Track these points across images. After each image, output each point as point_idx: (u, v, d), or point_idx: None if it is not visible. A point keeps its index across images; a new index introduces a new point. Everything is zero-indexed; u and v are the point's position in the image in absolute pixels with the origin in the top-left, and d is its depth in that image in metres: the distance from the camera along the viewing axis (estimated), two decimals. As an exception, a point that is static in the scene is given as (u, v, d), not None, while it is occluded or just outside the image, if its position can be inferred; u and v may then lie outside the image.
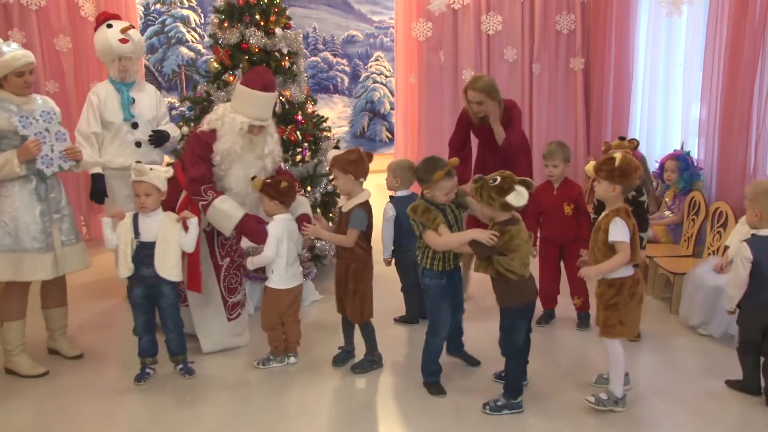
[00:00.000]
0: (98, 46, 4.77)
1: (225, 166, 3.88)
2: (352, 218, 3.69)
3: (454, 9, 6.97)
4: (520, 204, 3.14)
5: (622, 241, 3.17)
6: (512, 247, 3.19)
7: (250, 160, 3.91)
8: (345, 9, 10.33)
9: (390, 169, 4.50)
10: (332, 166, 3.77)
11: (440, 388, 3.59)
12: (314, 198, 5.36)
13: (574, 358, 3.99)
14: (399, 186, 4.44)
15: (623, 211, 3.24)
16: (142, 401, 3.58)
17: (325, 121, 5.81)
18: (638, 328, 3.40)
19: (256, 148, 3.91)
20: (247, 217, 3.87)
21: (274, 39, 5.24)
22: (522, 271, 3.25)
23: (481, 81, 4.55)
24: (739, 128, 4.83)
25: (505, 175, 3.21)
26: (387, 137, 10.60)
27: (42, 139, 3.78)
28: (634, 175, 3.23)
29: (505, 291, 3.30)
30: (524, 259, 3.25)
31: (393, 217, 4.39)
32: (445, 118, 7.13)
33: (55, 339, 4.16)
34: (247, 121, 3.81)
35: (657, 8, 5.88)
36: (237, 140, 3.82)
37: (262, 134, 3.92)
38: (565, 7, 7.02)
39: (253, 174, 3.92)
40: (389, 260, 4.53)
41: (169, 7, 9.53)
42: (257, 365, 3.91)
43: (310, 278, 4.97)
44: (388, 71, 10.47)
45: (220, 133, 3.85)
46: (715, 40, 5.08)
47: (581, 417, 3.30)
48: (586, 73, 7.17)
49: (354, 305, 3.79)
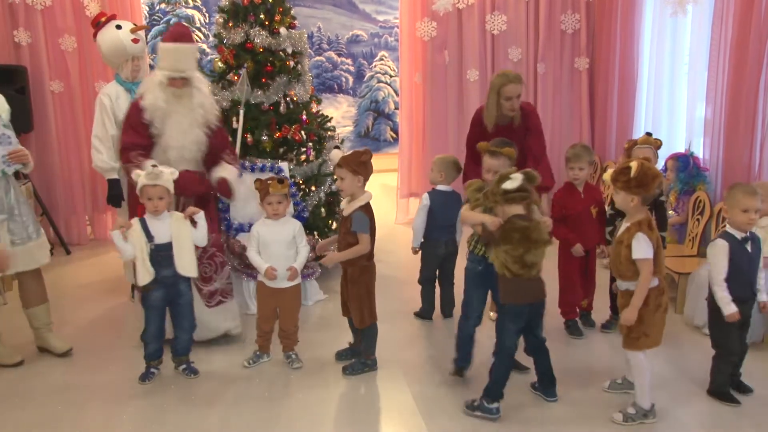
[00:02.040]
0: (107, 47, 4.77)
1: (158, 123, 4.00)
2: (354, 222, 3.63)
3: (459, 8, 6.96)
4: (514, 186, 3.14)
5: (646, 258, 3.07)
6: (509, 238, 3.13)
7: (182, 113, 4.03)
8: (350, 8, 10.33)
9: (435, 164, 4.57)
10: (341, 167, 3.64)
11: (461, 371, 3.69)
12: (319, 197, 5.37)
13: (583, 364, 3.99)
14: (442, 181, 4.47)
15: (645, 223, 3.11)
16: (147, 401, 3.59)
17: (329, 121, 5.81)
18: (661, 337, 3.24)
19: (184, 101, 4.04)
20: (182, 174, 3.94)
21: (279, 39, 5.25)
22: (518, 271, 3.16)
23: (516, 74, 4.52)
24: (745, 128, 4.82)
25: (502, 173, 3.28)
26: (391, 137, 10.59)
27: None
28: (653, 184, 3.09)
29: (501, 287, 3.27)
30: (521, 256, 3.14)
31: (427, 207, 4.43)
32: (450, 118, 7.12)
33: (42, 337, 4.17)
34: (165, 74, 3.98)
35: (662, 8, 5.86)
36: (159, 95, 3.97)
37: (188, 87, 4.05)
38: (570, 7, 7.01)
39: (187, 126, 4.02)
40: (417, 249, 4.53)
41: (173, 7, 9.55)
42: (299, 365, 3.92)
43: (314, 278, 4.98)
44: (393, 71, 10.47)
45: (145, 91, 4.03)
46: (720, 39, 5.06)
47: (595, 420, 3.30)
48: (590, 72, 7.15)
49: (354, 309, 3.78)
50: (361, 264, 3.72)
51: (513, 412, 3.35)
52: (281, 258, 3.77)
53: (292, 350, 3.99)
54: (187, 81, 4.05)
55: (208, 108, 4.16)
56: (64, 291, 4.37)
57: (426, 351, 4.19)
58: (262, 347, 3.98)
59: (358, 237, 3.63)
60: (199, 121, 4.08)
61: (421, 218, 4.45)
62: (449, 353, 3.89)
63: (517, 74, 4.52)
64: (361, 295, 3.74)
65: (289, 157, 5.32)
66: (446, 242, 4.49)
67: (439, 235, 4.45)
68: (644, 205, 3.15)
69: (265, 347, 3.99)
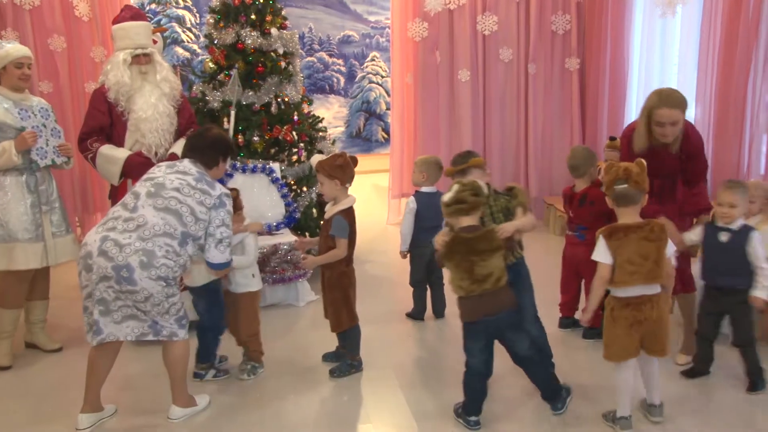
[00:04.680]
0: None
1: (125, 101, 4.14)
2: (333, 227, 3.61)
3: (450, 9, 6.97)
4: (448, 198, 3.06)
5: (598, 261, 3.07)
6: (451, 254, 3.06)
7: (147, 88, 4.19)
8: (341, 9, 10.34)
9: (417, 165, 4.53)
10: (318, 172, 3.67)
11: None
12: (310, 198, 5.37)
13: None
14: (425, 182, 4.45)
15: (612, 230, 3.07)
16: (135, 405, 3.57)
17: (321, 122, 5.81)
18: (627, 354, 3.08)
19: (149, 77, 4.20)
20: (131, 156, 4.11)
21: (270, 39, 5.24)
22: (469, 287, 3.04)
23: (676, 96, 3.52)
24: (734, 127, 4.86)
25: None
26: (383, 137, 10.60)
27: (38, 132, 3.95)
28: (608, 181, 3.06)
29: (458, 306, 3.17)
30: (470, 269, 3.02)
31: (414, 210, 4.41)
32: (441, 118, 7.13)
33: (34, 332, 4.20)
34: (128, 51, 4.14)
35: (652, 8, 5.90)
36: (124, 71, 4.11)
37: (151, 64, 4.22)
38: (560, 8, 7.03)
39: (155, 99, 4.16)
40: (405, 253, 4.53)
41: (164, 7, 9.52)
42: (246, 377, 3.79)
43: (305, 278, 4.97)
44: (384, 71, 10.48)
45: (108, 71, 4.17)
46: (709, 40, 5.10)
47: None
48: (581, 73, 7.18)
49: (330, 314, 3.77)
50: (340, 269, 3.69)
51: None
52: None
53: (250, 359, 3.84)
54: (149, 57, 4.21)
55: (173, 82, 4.31)
56: (54, 292, 4.36)
57: (418, 352, 4.20)
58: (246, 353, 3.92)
59: (336, 241, 3.62)
60: (166, 94, 4.22)
61: (408, 222, 4.44)
62: (441, 354, 3.89)
63: (677, 96, 3.52)
64: (337, 300, 3.72)
65: (280, 158, 5.32)
66: (433, 244, 4.48)
67: (426, 236, 4.40)
68: (619, 206, 3.08)
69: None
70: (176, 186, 3.17)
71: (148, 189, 3.17)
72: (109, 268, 2.98)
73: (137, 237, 3.03)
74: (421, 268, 4.52)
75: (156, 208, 3.10)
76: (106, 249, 3.01)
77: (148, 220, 3.07)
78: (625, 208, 3.06)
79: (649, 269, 3.00)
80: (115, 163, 4.15)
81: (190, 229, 3.15)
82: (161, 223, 3.08)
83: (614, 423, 3.17)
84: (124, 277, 2.98)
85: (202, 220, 3.18)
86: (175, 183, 3.18)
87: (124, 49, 4.19)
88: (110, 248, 3.00)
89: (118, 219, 3.11)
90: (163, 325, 3.16)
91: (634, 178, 3.00)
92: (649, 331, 3.05)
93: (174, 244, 3.10)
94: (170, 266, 3.08)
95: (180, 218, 3.12)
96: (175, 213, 3.11)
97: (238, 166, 4.97)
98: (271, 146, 5.31)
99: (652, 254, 3.00)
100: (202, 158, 3.36)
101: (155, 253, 3.04)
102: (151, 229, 3.06)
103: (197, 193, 3.19)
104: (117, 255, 2.99)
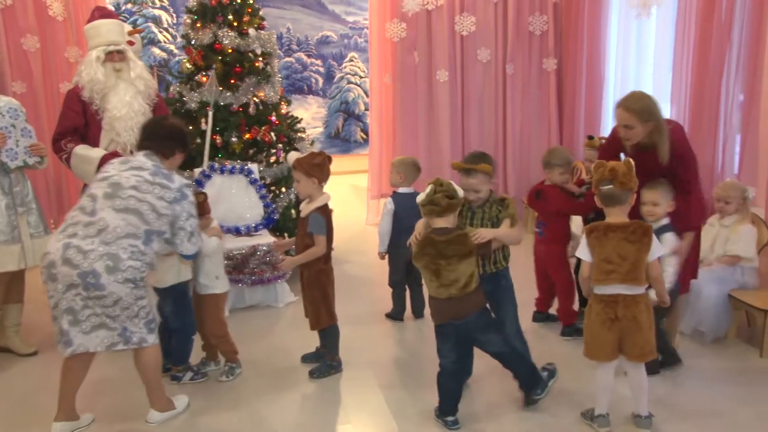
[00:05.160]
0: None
1: (98, 99, 4.12)
2: (310, 223, 3.61)
3: (428, 9, 6.98)
4: (421, 199, 3.06)
5: (581, 258, 3.11)
6: (420, 255, 3.07)
7: (122, 86, 4.16)
8: (319, 9, 10.31)
9: (394, 166, 4.52)
10: (295, 169, 3.65)
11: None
12: (289, 199, 5.35)
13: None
14: (402, 182, 4.45)
15: (593, 228, 3.08)
16: (113, 407, 3.54)
17: (299, 122, 5.80)
18: (604, 355, 3.09)
19: (123, 74, 4.18)
20: (106, 156, 4.05)
21: (248, 39, 5.22)
22: (436, 289, 3.08)
23: (634, 96, 3.53)
24: (708, 127, 4.91)
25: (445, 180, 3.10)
26: (362, 138, 10.59)
27: (7, 133, 3.90)
28: (594, 181, 3.09)
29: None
30: (437, 272, 3.04)
31: (392, 211, 4.40)
32: (420, 118, 7.13)
33: (8, 336, 4.14)
34: (101, 49, 4.12)
35: (627, 10, 5.96)
36: (97, 69, 4.09)
37: (125, 61, 4.20)
38: (537, 9, 7.07)
39: (130, 97, 4.13)
40: (383, 254, 4.52)
41: (140, 7, 9.43)
42: (225, 378, 3.78)
43: (284, 279, 4.95)
44: (363, 72, 10.47)
45: (81, 70, 4.15)
46: (684, 41, 5.15)
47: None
48: (558, 73, 7.23)
49: (309, 312, 3.77)
50: (318, 267, 3.70)
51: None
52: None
53: (221, 359, 3.85)
54: (123, 54, 4.19)
55: (148, 80, 4.29)
56: (29, 295, 4.30)
57: (397, 352, 4.20)
58: (207, 355, 3.91)
59: (315, 238, 3.62)
60: (141, 92, 4.20)
61: (386, 223, 4.44)
62: (421, 354, 3.90)
63: (635, 100, 3.47)
64: (316, 298, 3.72)
65: (258, 159, 5.29)
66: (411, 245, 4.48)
67: (405, 237, 4.39)
68: (605, 206, 3.08)
69: (210, 355, 3.91)
70: (133, 184, 3.09)
71: (105, 190, 3.09)
72: (74, 275, 2.92)
73: (100, 241, 2.96)
74: (400, 268, 4.52)
75: (115, 209, 3.03)
76: (70, 257, 2.94)
77: (109, 223, 3.00)
78: (611, 208, 3.07)
79: (628, 270, 3.00)
80: (90, 162, 4.10)
81: (153, 226, 3.08)
82: (123, 225, 3.01)
83: (592, 421, 3.19)
84: (91, 283, 2.93)
85: (165, 215, 3.12)
86: (132, 181, 3.10)
87: (96, 47, 4.16)
88: (74, 255, 2.93)
89: (77, 224, 3.03)
90: (132, 331, 3.10)
91: (620, 178, 3.00)
92: (624, 332, 3.05)
93: (138, 244, 3.04)
94: (137, 267, 3.03)
95: (141, 217, 3.05)
96: (136, 212, 3.05)
97: (216, 167, 4.94)
98: (249, 147, 5.28)
99: (630, 255, 3.00)
100: (159, 148, 3.29)
101: (120, 256, 2.98)
102: (113, 232, 2.99)
103: (156, 188, 3.11)
104: (81, 262, 2.92)
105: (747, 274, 4.12)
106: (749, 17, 4.57)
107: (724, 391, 3.54)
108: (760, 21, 4.49)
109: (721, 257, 4.17)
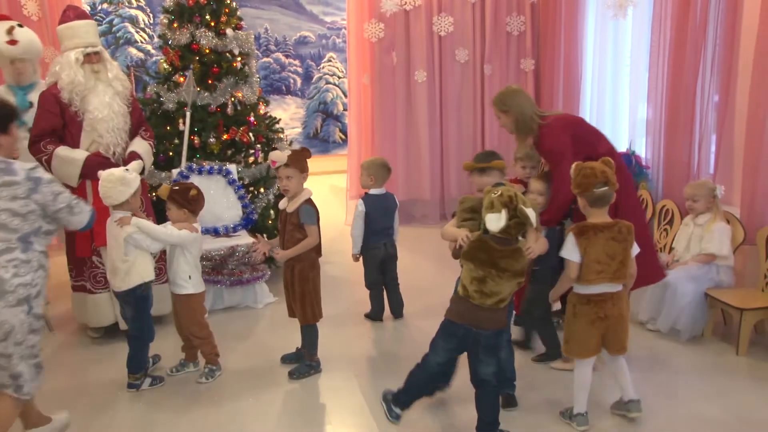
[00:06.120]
0: None
1: (79, 100, 4.07)
2: (302, 215, 3.60)
3: (406, 10, 6.99)
4: (491, 228, 2.82)
5: (566, 258, 3.09)
6: (472, 257, 2.88)
7: (100, 87, 4.13)
8: (297, 10, 10.28)
9: (363, 168, 4.50)
10: (289, 166, 3.58)
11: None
12: (268, 199, 5.33)
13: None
14: (373, 184, 4.44)
15: (581, 228, 3.07)
16: (93, 408, 3.50)
17: (277, 123, 5.78)
18: (587, 352, 3.13)
19: (101, 75, 4.15)
20: (90, 157, 4.04)
21: (225, 40, 5.19)
22: (472, 293, 2.89)
23: (504, 91, 3.79)
24: (684, 128, 4.96)
25: (510, 192, 2.85)
26: (340, 138, 10.58)
27: None
28: (588, 183, 3.03)
29: (451, 301, 3.09)
30: (482, 279, 2.87)
31: (363, 213, 4.40)
32: (399, 119, 7.14)
33: None
34: (79, 50, 4.08)
35: (603, 10, 6.00)
36: (77, 70, 4.05)
37: (102, 62, 4.17)
38: (515, 9, 7.12)
39: (109, 98, 4.11)
40: (357, 256, 4.51)
41: (116, 7, 9.34)
42: (204, 380, 3.76)
43: (263, 280, 4.93)
44: (341, 72, 10.45)
45: (59, 71, 4.08)
46: (659, 41, 5.21)
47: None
48: (536, 73, 7.27)
49: (301, 307, 3.75)
50: (311, 258, 3.71)
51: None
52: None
53: (201, 360, 3.84)
54: (100, 56, 4.16)
55: (124, 81, 4.27)
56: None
57: (377, 352, 4.19)
58: (187, 355, 3.90)
59: (307, 229, 3.61)
60: (119, 93, 4.18)
61: (358, 225, 4.43)
62: (400, 354, 3.89)
63: (501, 90, 3.80)
64: (309, 292, 3.72)
65: (237, 160, 5.26)
66: (385, 245, 4.49)
67: (378, 239, 4.45)
68: (594, 207, 3.08)
69: (189, 356, 3.89)
70: None
71: None
72: None
73: None
74: (375, 269, 4.51)
75: None
76: None
77: None
78: (599, 209, 3.09)
79: (616, 269, 3.04)
80: (73, 164, 4.03)
81: (24, 229, 2.76)
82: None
83: (571, 420, 3.21)
84: None
85: (30, 211, 2.78)
86: None
87: (73, 48, 4.08)
88: None
89: None
90: (21, 372, 2.77)
91: (612, 180, 3.05)
92: (610, 328, 3.09)
93: (17, 254, 2.73)
94: (27, 282, 2.73)
95: (5, 228, 2.72)
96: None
97: (194, 167, 4.91)
98: (227, 148, 5.25)
99: (618, 254, 3.04)
100: None
101: (3, 277, 2.67)
102: None
103: (3, 190, 2.71)
104: None
105: (723, 272, 4.17)
106: (724, 18, 4.63)
107: (700, 388, 3.58)
108: (734, 22, 4.55)
109: (696, 256, 4.22)
